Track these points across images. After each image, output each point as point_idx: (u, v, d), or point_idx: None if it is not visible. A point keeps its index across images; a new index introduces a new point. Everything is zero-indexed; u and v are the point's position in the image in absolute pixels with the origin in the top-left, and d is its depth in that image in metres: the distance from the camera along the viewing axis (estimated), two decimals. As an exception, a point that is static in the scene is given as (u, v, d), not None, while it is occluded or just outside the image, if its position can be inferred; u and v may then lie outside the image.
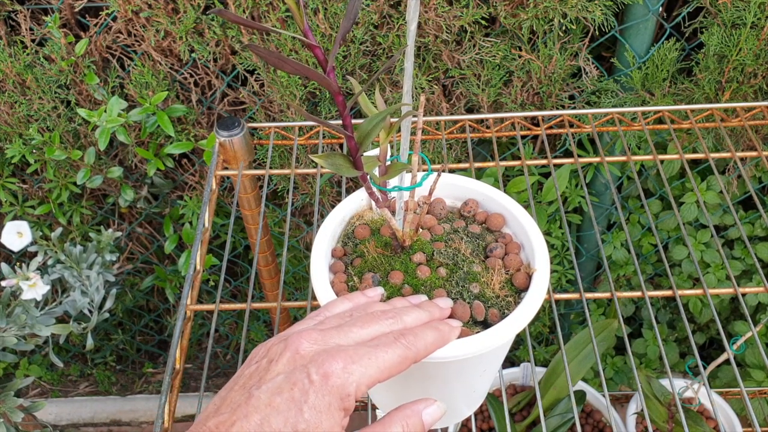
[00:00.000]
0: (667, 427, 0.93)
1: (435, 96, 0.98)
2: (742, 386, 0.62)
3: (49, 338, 1.02)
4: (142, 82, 0.98)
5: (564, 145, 1.11)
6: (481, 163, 0.83)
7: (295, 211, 1.25)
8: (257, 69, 0.96)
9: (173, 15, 0.92)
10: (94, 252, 1.03)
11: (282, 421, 0.33)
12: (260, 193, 0.93)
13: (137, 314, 1.48)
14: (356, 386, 0.35)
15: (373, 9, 0.88)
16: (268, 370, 0.36)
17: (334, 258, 0.52)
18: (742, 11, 0.88)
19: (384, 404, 0.57)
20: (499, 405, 0.93)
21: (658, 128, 0.89)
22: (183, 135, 1.05)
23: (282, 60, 0.36)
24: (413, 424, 0.37)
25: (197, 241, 0.73)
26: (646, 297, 0.68)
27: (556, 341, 1.39)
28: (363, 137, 0.42)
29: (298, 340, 0.37)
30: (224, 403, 0.35)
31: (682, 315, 0.66)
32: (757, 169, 1.12)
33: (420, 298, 0.45)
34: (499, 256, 0.50)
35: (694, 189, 0.94)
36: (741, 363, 1.23)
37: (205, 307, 0.69)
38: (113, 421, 1.57)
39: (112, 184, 1.16)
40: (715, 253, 1.16)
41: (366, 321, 0.39)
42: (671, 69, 0.95)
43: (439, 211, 0.54)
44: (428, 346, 0.39)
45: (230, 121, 0.83)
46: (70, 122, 1.04)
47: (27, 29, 0.96)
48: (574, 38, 0.95)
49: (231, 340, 1.56)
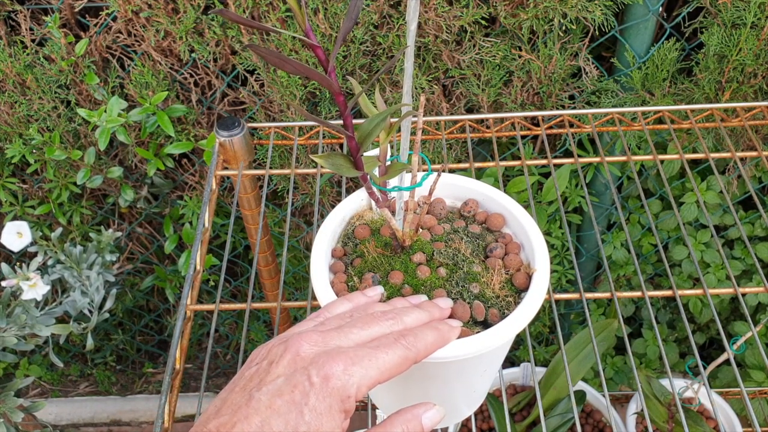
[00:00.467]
0: (667, 427, 0.93)
1: (435, 96, 0.98)
2: (742, 386, 0.62)
3: (49, 338, 1.02)
4: (142, 82, 0.98)
5: (564, 145, 1.11)
6: (481, 163, 0.83)
7: (295, 211, 1.25)
8: (257, 69, 0.96)
9: (173, 15, 0.92)
10: (94, 252, 1.03)
11: (282, 424, 0.33)
12: (260, 193, 0.93)
13: (137, 314, 1.48)
14: (357, 388, 0.35)
15: (373, 9, 0.88)
16: (269, 372, 0.36)
17: (334, 258, 0.52)
18: (742, 11, 0.88)
19: (384, 404, 0.57)
20: (499, 405, 0.93)
21: (658, 128, 0.89)
22: (183, 135, 1.05)
23: (283, 60, 0.36)
24: (413, 427, 0.37)
25: (197, 241, 0.73)
26: (646, 297, 0.68)
27: (556, 341, 1.39)
28: (364, 137, 0.42)
29: (299, 341, 0.37)
30: (225, 404, 0.35)
31: (682, 315, 0.66)
32: (757, 169, 1.12)
33: (420, 298, 0.45)
34: (499, 256, 0.50)
35: (694, 189, 0.94)
36: (741, 363, 1.23)
37: (205, 307, 0.69)
38: (113, 421, 1.57)
39: (112, 184, 1.16)
40: (715, 253, 1.16)
41: (366, 322, 0.39)
42: (671, 69, 0.95)
43: (439, 211, 0.54)
44: (428, 346, 0.39)
45: (230, 121, 0.83)
46: (70, 122, 1.04)
47: (27, 29, 0.96)
48: (574, 38, 0.95)
49: (231, 340, 1.56)
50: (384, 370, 0.36)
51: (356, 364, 0.36)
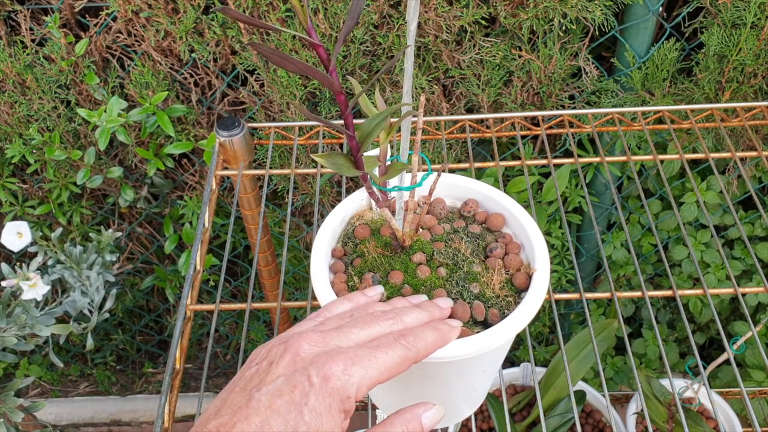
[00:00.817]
0: (667, 427, 0.93)
1: (435, 96, 0.98)
2: (742, 386, 0.62)
3: (49, 338, 1.02)
4: (142, 82, 0.98)
5: (564, 145, 1.11)
6: (481, 163, 0.83)
7: (295, 211, 1.25)
8: (257, 69, 0.96)
9: (173, 15, 0.92)
10: (94, 252, 1.03)
11: (282, 424, 0.33)
12: (260, 193, 0.93)
13: (137, 314, 1.48)
14: (356, 388, 0.35)
15: (373, 9, 0.88)
16: (269, 372, 0.36)
17: (334, 258, 0.52)
18: (742, 11, 0.88)
19: (384, 404, 0.57)
20: (499, 405, 0.93)
21: (658, 128, 0.89)
22: (183, 135, 1.05)
23: (285, 59, 0.36)
24: (413, 427, 0.37)
25: (197, 241, 0.73)
26: (646, 297, 0.68)
27: (556, 341, 1.39)
28: (364, 137, 0.42)
29: (299, 342, 0.37)
30: (225, 405, 0.35)
31: (682, 315, 0.66)
32: (757, 169, 1.12)
33: (420, 298, 0.45)
34: (499, 256, 0.50)
35: (694, 189, 0.94)
36: (741, 363, 1.23)
37: (205, 307, 0.69)
38: (113, 421, 1.57)
39: (112, 184, 1.16)
40: (715, 253, 1.16)
41: (366, 322, 0.39)
42: (671, 69, 0.95)
43: (439, 211, 0.54)
44: (428, 346, 0.39)
45: (230, 121, 0.83)
46: (70, 122, 1.04)
47: (27, 29, 0.96)
48: (574, 38, 0.95)
49: (231, 340, 1.56)
50: (384, 370, 0.36)
51: (356, 364, 0.35)
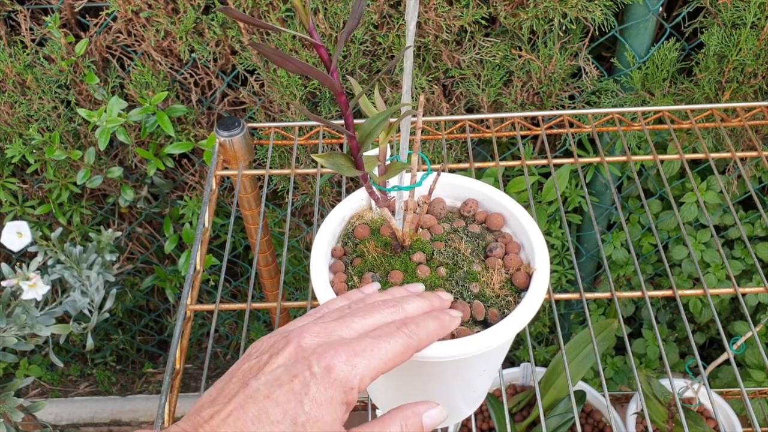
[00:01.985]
0: (667, 427, 0.93)
1: (435, 96, 0.98)
2: (742, 386, 0.62)
3: (49, 338, 1.02)
4: (142, 82, 0.98)
5: (564, 145, 1.11)
6: (481, 163, 0.83)
7: (295, 211, 1.25)
8: (257, 69, 0.96)
9: (173, 15, 0.92)
10: (94, 252, 1.03)
11: (281, 413, 0.33)
12: (260, 193, 0.93)
13: (137, 314, 1.48)
14: (360, 379, 0.35)
15: (373, 9, 0.88)
16: (269, 363, 0.35)
17: (334, 258, 0.52)
18: (742, 11, 0.88)
19: (384, 404, 0.57)
20: (499, 405, 0.93)
21: (658, 128, 0.89)
22: (183, 135, 1.05)
23: (286, 58, 0.36)
24: (412, 424, 0.36)
25: (197, 241, 0.73)
26: (646, 297, 0.68)
27: (556, 341, 1.39)
28: (365, 137, 0.42)
29: (301, 333, 0.36)
30: (221, 393, 0.35)
31: (682, 315, 0.66)
32: (757, 169, 1.12)
33: (418, 287, 0.45)
34: (499, 255, 0.50)
35: (694, 189, 0.94)
36: (741, 363, 1.23)
37: (205, 307, 0.69)
38: (113, 421, 1.57)
39: (112, 184, 1.16)
40: (715, 253, 1.16)
41: (367, 311, 0.39)
42: (671, 69, 0.96)
43: (438, 211, 0.54)
44: (430, 334, 0.39)
45: (230, 121, 0.83)
46: (70, 122, 1.04)
47: (27, 29, 0.96)
48: (574, 38, 0.95)
49: (231, 340, 1.56)
50: (387, 359, 0.36)
51: (359, 354, 0.35)
